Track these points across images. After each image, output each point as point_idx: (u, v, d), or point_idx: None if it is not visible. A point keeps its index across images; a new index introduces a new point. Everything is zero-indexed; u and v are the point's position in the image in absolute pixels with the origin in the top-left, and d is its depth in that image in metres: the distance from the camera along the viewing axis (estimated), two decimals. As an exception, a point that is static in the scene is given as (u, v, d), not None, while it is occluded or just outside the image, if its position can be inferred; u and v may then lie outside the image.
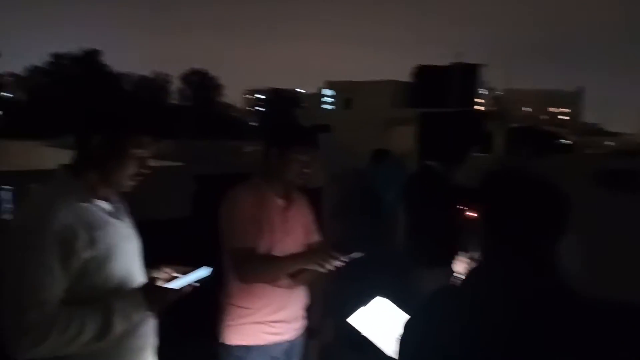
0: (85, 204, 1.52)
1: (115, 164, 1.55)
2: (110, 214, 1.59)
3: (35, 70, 38.57)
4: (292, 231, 2.19)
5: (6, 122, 25.69)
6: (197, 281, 1.63)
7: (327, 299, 2.51)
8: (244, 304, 2.13)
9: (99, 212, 1.55)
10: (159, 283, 1.61)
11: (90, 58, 31.57)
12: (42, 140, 21.90)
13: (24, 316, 1.38)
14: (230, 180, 2.24)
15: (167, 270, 1.68)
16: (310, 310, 2.31)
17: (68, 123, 1.65)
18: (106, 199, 1.60)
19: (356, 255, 2.00)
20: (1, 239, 1.48)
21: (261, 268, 2.07)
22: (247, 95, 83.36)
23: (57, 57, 32.22)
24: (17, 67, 47.86)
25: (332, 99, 16.38)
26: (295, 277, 2.12)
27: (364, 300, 1.85)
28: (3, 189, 5.58)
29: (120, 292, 1.55)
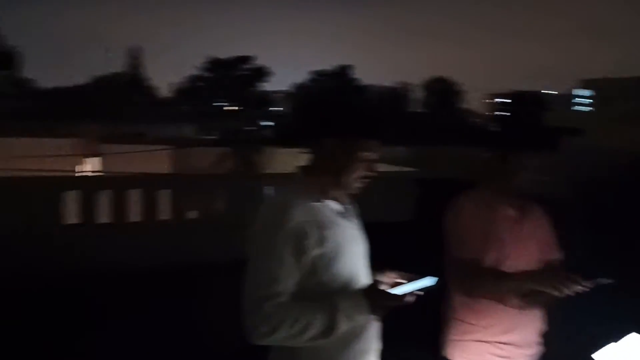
0: (317, 204, 1.60)
1: (345, 167, 1.61)
2: (339, 214, 1.65)
3: (299, 87, 44.42)
4: (525, 246, 2.00)
5: (276, 133, 29.88)
6: (421, 290, 1.59)
7: (567, 328, 2.22)
8: (468, 320, 2.02)
9: (329, 212, 1.62)
10: (383, 287, 1.61)
11: (343, 73, 34.52)
12: (302, 147, 24.84)
13: (262, 305, 1.50)
14: (459, 186, 2.16)
15: (392, 275, 1.68)
16: (547, 338, 2.07)
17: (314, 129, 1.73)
18: (337, 200, 1.67)
19: (604, 281, 1.72)
20: (250, 232, 1.63)
21: (486, 283, 1.93)
22: (488, 100, 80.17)
23: (317, 74, 36.15)
24: (286, 84, 55.56)
25: (587, 99, 14.56)
26: (527, 298, 1.92)
27: (613, 334, 1.58)
28: (269, 188, 6.72)
29: (345, 292, 1.59)
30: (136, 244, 6.23)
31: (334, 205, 1.66)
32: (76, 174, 15.27)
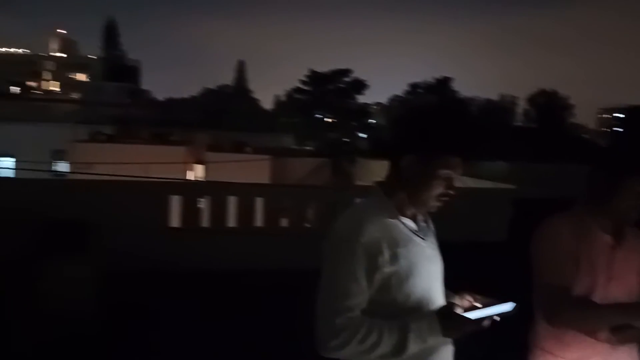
0: (392, 221, 1.58)
1: (422, 184, 1.57)
2: (414, 232, 1.62)
3: (395, 99, 44.15)
4: (620, 276, 1.85)
5: (369, 145, 29.92)
6: (498, 315, 1.53)
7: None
8: (554, 351, 1.89)
9: (404, 230, 1.59)
10: (459, 310, 1.56)
11: (442, 85, 33.81)
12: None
13: (333, 319, 1.49)
14: (554, 206, 2.02)
15: (469, 298, 1.63)
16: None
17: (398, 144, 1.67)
18: (413, 218, 1.64)
19: None
20: (324, 245, 1.61)
21: (575, 312, 1.80)
22: (599, 115, 74.20)
23: (414, 87, 35.74)
24: (384, 97, 55.64)
25: None
26: (620, 333, 1.77)
27: None
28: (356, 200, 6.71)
29: (418, 312, 1.55)
30: (233, 248, 6.58)
31: (409, 222, 1.62)
32: (181, 180, 16.33)
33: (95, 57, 59.15)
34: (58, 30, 68.30)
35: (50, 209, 5.56)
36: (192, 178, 22.17)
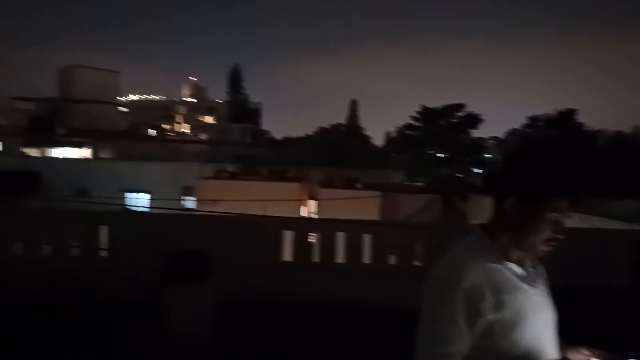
0: (496, 266, 1.48)
1: (529, 228, 1.48)
2: (521, 278, 1.51)
3: (512, 133, 42.26)
4: None
5: (482, 182, 28.81)
6: None
7: None
8: None
9: (510, 276, 1.49)
10: None
11: (564, 118, 31.75)
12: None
13: None
14: None
15: (586, 352, 1.53)
16: None
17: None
18: (520, 262, 1.53)
19: None
20: (423, 287, 1.56)
21: None
22: None
23: (533, 119, 34.00)
24: (501, 131, 53.52)
25: None
26: None
27: None
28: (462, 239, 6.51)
29: None
30: (340, 284, 6.71)
31: (515, 268, 1.52)
32: (295, 216, 16.98)
33: (221, 101, 64.35)
34: (190, 78, 75.50)
35: (178, 240, 6.14)
36: (306, 213, 22.91)
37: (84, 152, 37.01)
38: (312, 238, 7.50)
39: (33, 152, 34.32)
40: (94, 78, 45.91)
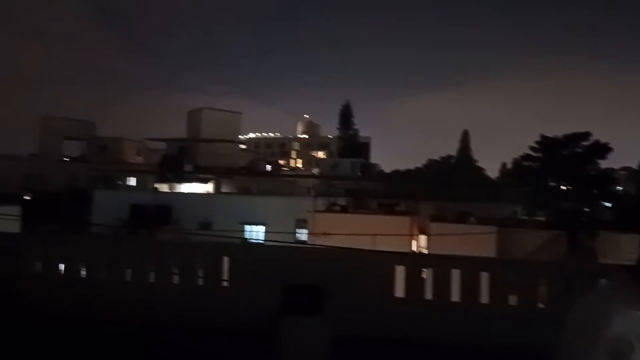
0: None
1: None
2: None
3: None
4: None
5: (616, 216, 26.23)
6: None
7: None
8: None
9: None
10: None
11: None
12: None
13: None
14: None
15: None
16: None
17: None
18: None
19: None
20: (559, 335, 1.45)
21: None
22: None
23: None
24: (634, 161, 48.74)
25: None
26: None
27: None
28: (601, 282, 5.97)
29: None
30: (456, 323, 6.45)
31: None
32: (407, 251, 16.70)
33: (333, 137, 66.21)
34: (304, 115, 78.87)
35: (292, 272, 6.34)
36: (416, 248, 22.43)
37: (208, 187, 39.92)
38: (424, 274, 7.33)
39: (164, 187, 37.70)
40: (219, 119, 49.73)
